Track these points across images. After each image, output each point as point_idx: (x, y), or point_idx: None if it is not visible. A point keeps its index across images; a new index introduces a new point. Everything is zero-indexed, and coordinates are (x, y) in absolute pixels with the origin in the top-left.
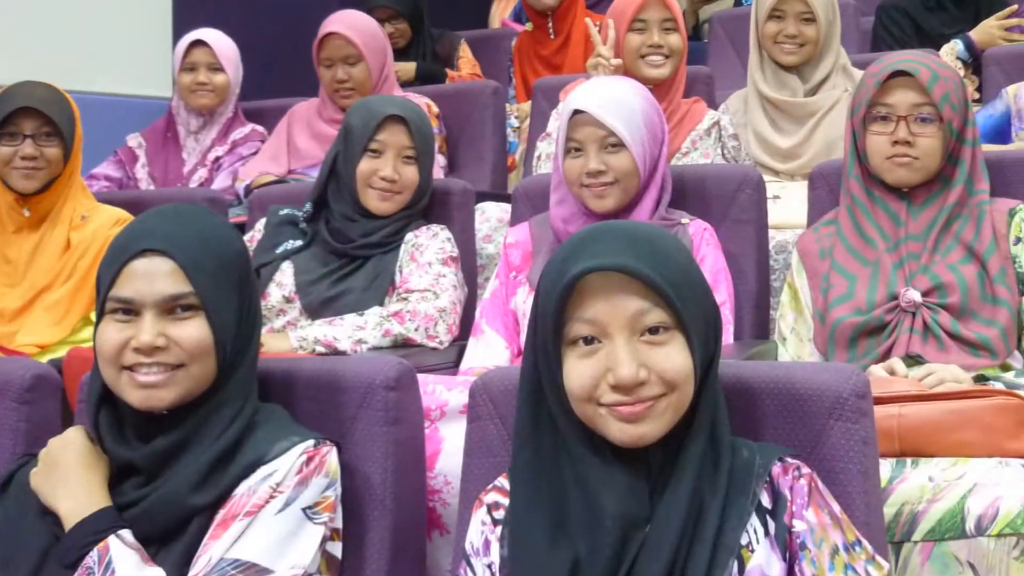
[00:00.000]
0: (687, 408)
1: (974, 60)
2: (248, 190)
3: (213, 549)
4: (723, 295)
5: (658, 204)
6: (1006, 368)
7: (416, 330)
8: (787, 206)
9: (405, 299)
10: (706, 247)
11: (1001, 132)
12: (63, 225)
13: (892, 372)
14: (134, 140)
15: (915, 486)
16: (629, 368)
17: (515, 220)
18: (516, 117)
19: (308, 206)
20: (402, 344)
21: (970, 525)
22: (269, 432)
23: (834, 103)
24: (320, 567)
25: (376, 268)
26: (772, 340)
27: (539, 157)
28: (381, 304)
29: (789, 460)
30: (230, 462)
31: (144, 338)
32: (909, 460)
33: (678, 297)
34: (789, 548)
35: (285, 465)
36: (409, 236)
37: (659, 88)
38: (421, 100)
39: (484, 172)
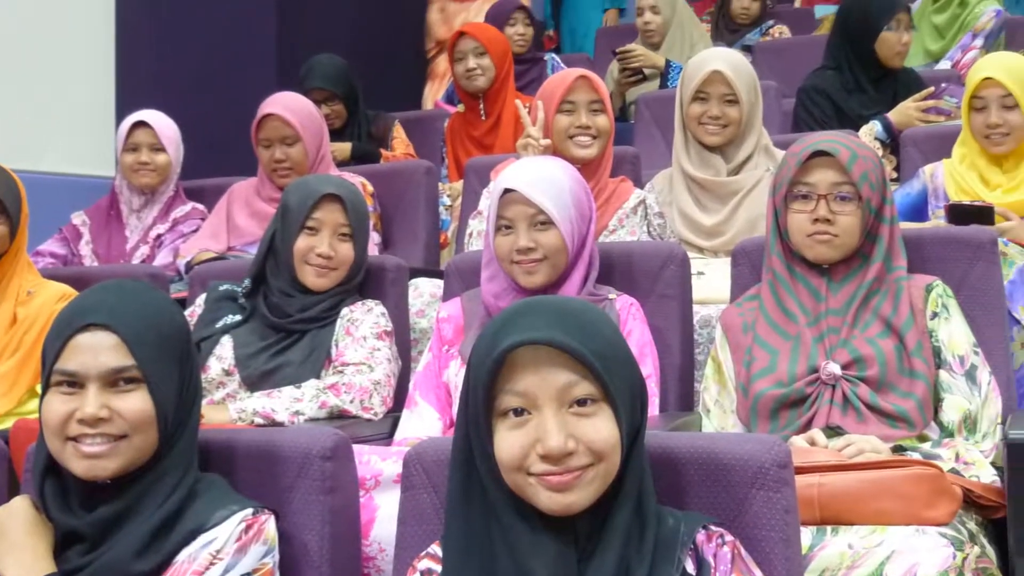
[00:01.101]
0: (614, 477)
1: (892, 140)
2: (189, 266)
3: None
4: (649, 368)
5: (586, 280)
6: (923, 439)
7: (351, 402)
8: (711, 282)
9: (341, 372)
10: (632, 321)
11: (918, 210)
12: (9, 300)
13: (813, 443)
14: (78, 218)
15: (835, 553)
16: (558, 439)
17: (447, 295)
18: (448, 195)
19: (247, 282)
20: (338, 416)
21: None
22: (209, 501)
23: (756, 182)
24: None
25: (313, 342)
26: (696, 412)
27: (471, 234)
28: (318, 377)
29: (713, 528)
30: (171, 530)
31: (88, 410)
32: (829, 528)
33: (605, 370)
34: None
35: (225, 533)
36: (345, 311)
37: (587, 167)
38: (356, 179)
39: (417, 249)
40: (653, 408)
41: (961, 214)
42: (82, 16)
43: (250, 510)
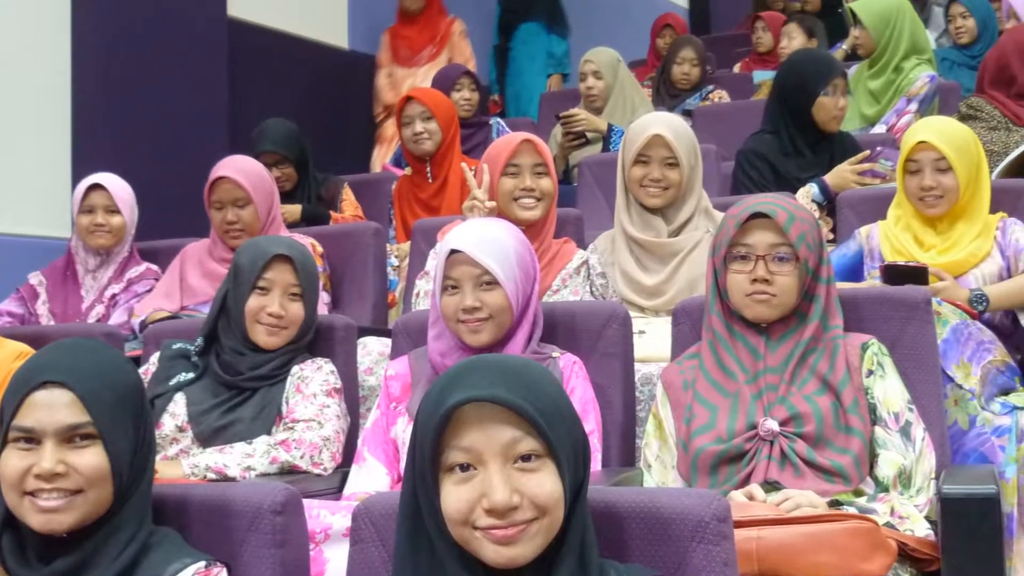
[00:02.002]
0: (558, 531)
1: (828, 202)
2: (143, 325)
3: None
4: (592, 424)
5: (530, 338)
6: (859, 493)
7: (302, 457)
8: (652, 341)
9: (291, 428)
10: (576, 379)
11: (854, 271)
12: None
13: (751, 497)
14: (35, 278)
15: None
16: (503, 494)
17: (395, 354)
18: (396, 256)
19: (200, 340)
20: (288, 471)
21: None
22: (163, 554)
23: (696, 243)
24: None
25: (264, 399)
26: (638, 468)
27: (417, 294)
28: (269, 433)
29: None
30: None
31: (45, 465)
32: None
33: (549, 426)
34: None
35: None
36: (295, 369)
37: (531, 229)
38: (306, 240)
39: (366, 308)
40: (595, 463)
41: (896, 274)
42: (38, 79)
43: (203, 563)
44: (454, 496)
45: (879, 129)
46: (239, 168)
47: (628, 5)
